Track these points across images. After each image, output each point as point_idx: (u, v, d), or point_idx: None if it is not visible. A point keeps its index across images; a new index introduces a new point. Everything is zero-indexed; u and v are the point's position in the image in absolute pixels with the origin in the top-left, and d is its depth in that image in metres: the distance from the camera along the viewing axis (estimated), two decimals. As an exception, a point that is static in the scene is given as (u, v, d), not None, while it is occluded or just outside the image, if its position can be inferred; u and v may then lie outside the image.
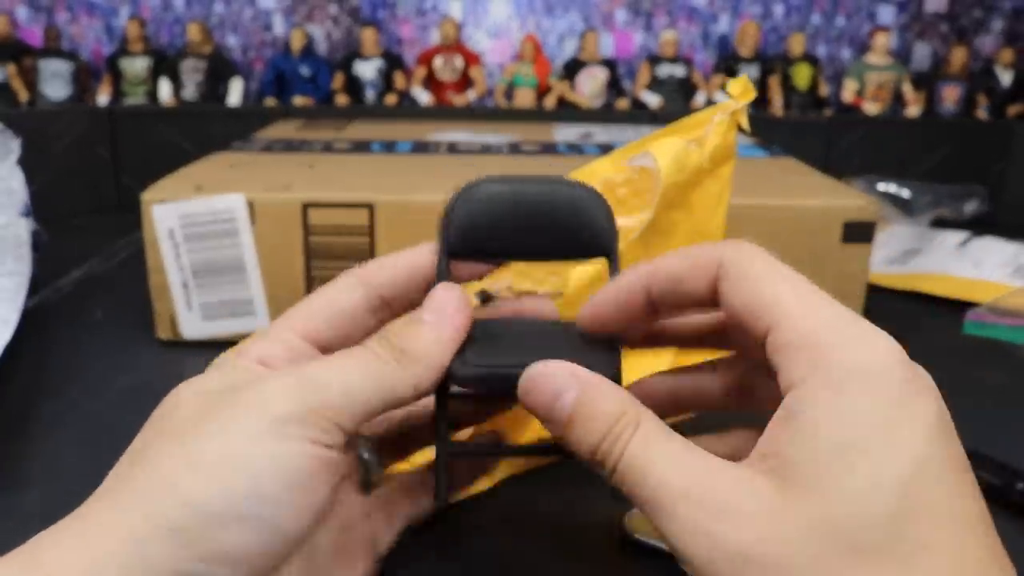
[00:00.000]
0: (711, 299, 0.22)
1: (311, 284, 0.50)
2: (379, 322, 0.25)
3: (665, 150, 0.37)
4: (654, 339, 0.26)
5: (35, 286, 0.53)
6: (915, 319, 0.59)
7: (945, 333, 0.54)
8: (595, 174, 0.39)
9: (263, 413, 0.20)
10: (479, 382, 0.23)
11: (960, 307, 0.56)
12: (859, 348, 0.19)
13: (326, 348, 0.24)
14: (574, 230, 0.25)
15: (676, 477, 0.19)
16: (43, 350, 0.50)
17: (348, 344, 0.24)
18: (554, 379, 0.21)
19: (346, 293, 0.25)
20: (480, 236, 0.25)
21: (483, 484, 0.35)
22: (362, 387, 0.21)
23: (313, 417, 0.20)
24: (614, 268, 0.26)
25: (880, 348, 0.19)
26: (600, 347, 0.24)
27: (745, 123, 0.40)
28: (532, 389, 0.21)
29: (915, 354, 0.56)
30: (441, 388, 0.24)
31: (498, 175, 0.26)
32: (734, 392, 0.25)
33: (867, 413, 0.18)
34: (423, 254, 0.25)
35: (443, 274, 0.25)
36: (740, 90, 0.38)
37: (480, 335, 0.24)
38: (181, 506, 0.19)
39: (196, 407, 0.21)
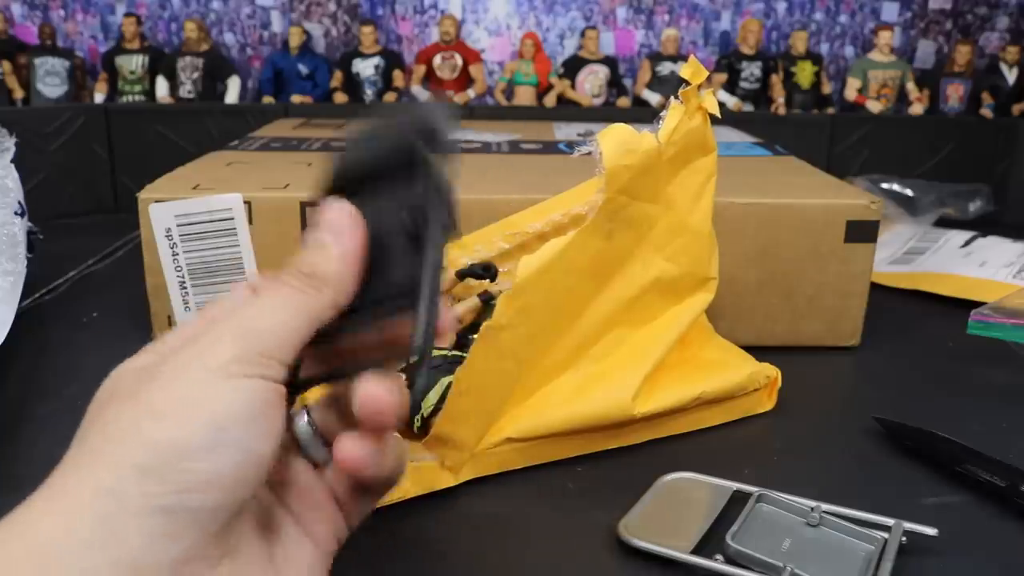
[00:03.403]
0: None
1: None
2: None
3: (609, 134, 0.36)
4: None
5: (31, 286, 0.53)
6: (919, 319, 0.58)
7: (949, 333, 0.54)
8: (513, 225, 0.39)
9: (209, 360, 0.21)
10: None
11: (964, 307, 0.55)
12: None
13: None
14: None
15: None
16: (39, 350, 0.49)
17: None
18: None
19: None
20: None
21: (447, 482, 0.35)
22: (291, 322, 0.23)
23: (256, 358, 0.22)
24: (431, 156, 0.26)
25: None
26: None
27: (715, 109, 0.39)
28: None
29: (918, 354, 0.56)
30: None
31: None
32: None
33: None
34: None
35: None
36: (691, 72, 0.38)
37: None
38: (146, 447, 0.20)
39: (136, 375, 0.22)
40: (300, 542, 0.26)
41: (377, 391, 0.24)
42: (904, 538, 0.31)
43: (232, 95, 0.95)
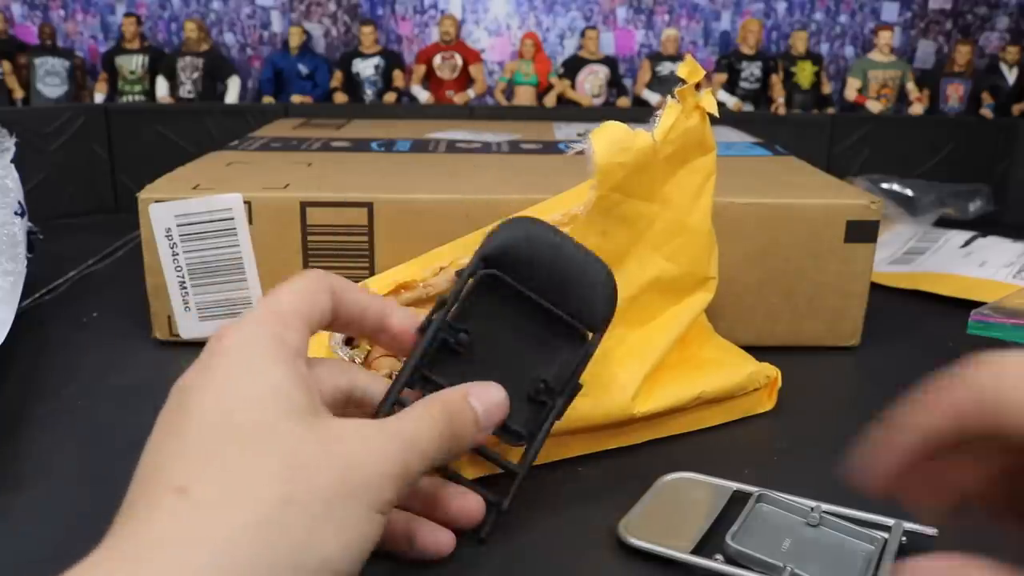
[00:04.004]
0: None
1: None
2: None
3: (602, 132, 0.36)
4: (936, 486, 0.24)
5: (31, 286, 0.53)
6: (919, 319, 0.58)
7: (949, 333, 0.54)
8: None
9: (374, 495, 0.24)
10: None
11: (964, 307, 0.55)
12: None
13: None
14: (577, 294, 0.31)
15: None
16: (39, 351, 0.49)
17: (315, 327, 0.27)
18: None
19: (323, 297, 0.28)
20: (509, 260, 0.30)
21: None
22: (427, 459, 0.26)
23: (398, 499, 0.25)
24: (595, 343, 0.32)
25: None
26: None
27: (713, 108, 0.39)
28: None
29: (918, 354, 0.55)
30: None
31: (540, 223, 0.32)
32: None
33: None
34: (388, 306, 0.30)
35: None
36: (687, 71, 0.38)
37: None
38: (314, 558, 0.22)
39: (293, 429, 0.23)
40: None
41: (440, 541, 0.30)
42: (904, 538, 0.31)
43: (232, 95, 0.95)
